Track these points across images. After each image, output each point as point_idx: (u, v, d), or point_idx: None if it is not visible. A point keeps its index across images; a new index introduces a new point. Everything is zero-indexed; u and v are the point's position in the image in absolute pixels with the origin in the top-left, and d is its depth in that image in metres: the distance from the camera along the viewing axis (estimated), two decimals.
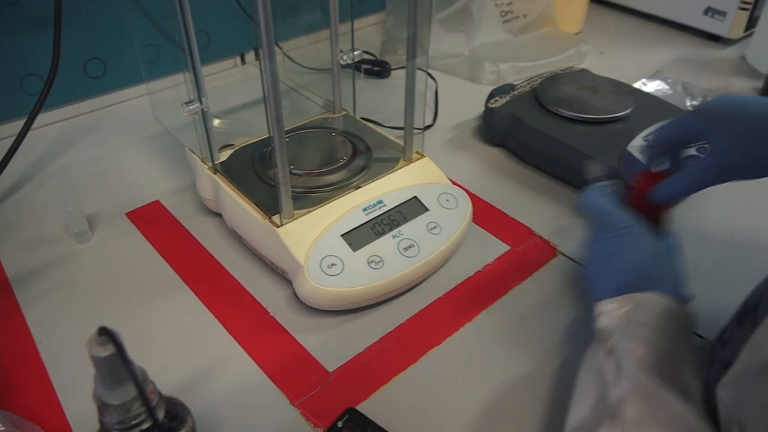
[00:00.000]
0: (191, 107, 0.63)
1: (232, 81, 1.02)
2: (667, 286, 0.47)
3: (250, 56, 1.07)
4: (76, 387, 0.53)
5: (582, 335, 0.54)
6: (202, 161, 0.69)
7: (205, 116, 0.64)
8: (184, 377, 0.53)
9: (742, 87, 1.02)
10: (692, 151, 0.59)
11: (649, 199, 0.55)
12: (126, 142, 0.87)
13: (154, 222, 0.72)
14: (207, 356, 0.56)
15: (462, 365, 0.55)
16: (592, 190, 0.56)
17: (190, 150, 0.71)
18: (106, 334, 0.31)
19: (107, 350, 0.32)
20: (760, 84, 1.01)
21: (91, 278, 0.64)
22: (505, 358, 0.56)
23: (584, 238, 0.54)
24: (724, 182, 0.50)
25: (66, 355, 0.56)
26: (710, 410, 0.40)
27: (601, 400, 0.40)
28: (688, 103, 0.95)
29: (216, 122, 0.71)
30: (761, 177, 0.48)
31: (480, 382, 0.54)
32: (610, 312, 0.45)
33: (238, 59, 1.07)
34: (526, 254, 0.67)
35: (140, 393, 0.31)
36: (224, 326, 0.59)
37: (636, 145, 0.72)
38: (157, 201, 0.75)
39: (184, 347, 0.57)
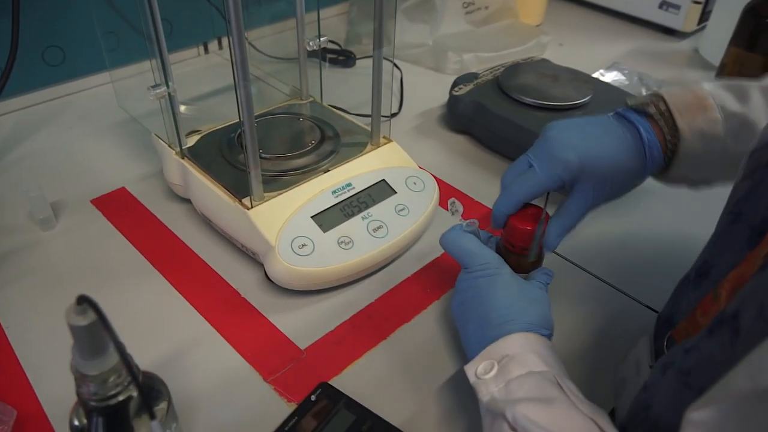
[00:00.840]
0: (158, 91, 0.63)
1: (196, 69, 1.02)
2: (526, 322, 0.47)
3: (213, 46, 1.07)
4: (46, 369, 0.52)
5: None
6: (169, 146, 0.69)
7: (172, 100, 0.64)
8: (158, 358, 0.54)
9: (695, 78, 1.07)
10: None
11: (545, 248, 0.55)
12: (89, 130, 0.86)
13: (120, 209, 0.71)
14: (180, 338, 0.56)
15: (430, 341, 0.57)
16: (455, 230, 0.55)
17: (156, 135, 0.71)
18: (85, 302, 0.32)
19: (86, 319, 0.33)
20: (712, 75, 1.05)
21: (57, 264, 0.63)
22: None
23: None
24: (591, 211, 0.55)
25: (34, 339, 0.55)
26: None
27: None
28: (644, 93, 0.99)
29: (182, 108, 0.71)
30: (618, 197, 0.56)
31: (447, 356, 0.55)
32: (482, 381, 0.44)
33: (201, 48, 1.06)
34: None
35: (121, 356, 0.32)
36: (196, 309, 0.59)
37: None
38: (123, 188, 0.74)
39: (157, 330, 0.57)
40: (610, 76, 1.03)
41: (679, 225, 0.72)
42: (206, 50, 1.06)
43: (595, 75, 1.02)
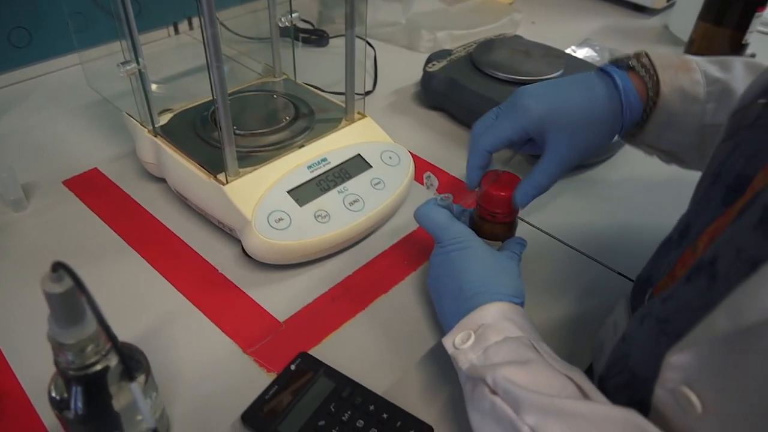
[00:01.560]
0: (128, 67, 0.62)
1: (167, 50, 1.00)
2: (499, 293, 0.48)
3: (183, 26, 1.05)
4: (23, 347, 0.52)
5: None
6: (142, 125, 0.68)
7: (143, 77, 0.63)
8: (137, 334, 0.54)
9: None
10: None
11: (513, 206, 0.55)
12: (58, 112, 0.84)
13: (93, 189, 0.70)
14: (158, 314, 0.56)
15: (407, 311, 0.58)
16: (429, 204, 0.56)
17: (128, 114, 0.70)
18: (61, 268, 0.32)
19: (61, 286, 0.33)
20: (681, 51, 1.07)
21: (30, 245, 0.63)
22: None
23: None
24: (564, 174, 0.54)
25: (9, 318, 0.55)
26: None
27: None
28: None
29: (153, 87, 0.70)
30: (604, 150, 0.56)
31: (425, 326, 0.56)
32: (461, 351, 0.45)
33: (172, 29, 1.04)
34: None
35: (98, 318, 0.32)
36: (174, 286, 0.59)
37: None
38: (95, 169, 0.74)
39: (135, 308, 0.57)
40: (581, 53, 1.04)
41: (653, 195, 0.74)
42: (176, 31, 1.05)
43: (567, 51, 1.02)
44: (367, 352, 0.54)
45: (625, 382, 0.41)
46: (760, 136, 0.37)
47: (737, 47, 0.96)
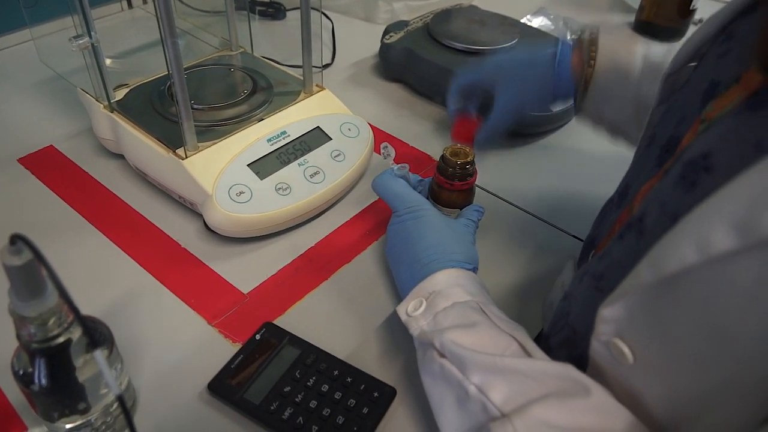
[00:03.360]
0: (80, 41, 0.61)
1: (120, 24, 0.98)
2: (451, 260, 0.50)
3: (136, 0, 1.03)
4: None
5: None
6: (97, 101, 0.67)
7: (96, 51, 0.62)
8: (100, 308, 0.54)
9: (617, 21, 1.10)
10: None
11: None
12: (11, 89, 0.82)
13: (49, 167, 0.69)
14: (121, 290, 0.56)
15: (370, 279, 0.59)
16: (385, 174, 0.58)
17: (82, 90, 0.69)
18: (19, 240, 0.32)
19: (21, 259, 0.33)
20: (632, 18, 1.09)
21: None
22: None
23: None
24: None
25: None
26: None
27: (463, 399, 0.39)
28: (569, 37, 1.02)
29: (108, 62, 0.69)
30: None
31: (386, 293, 0.58)
32: (413, 318, 0.46)
33: (125, 3, 1.02)
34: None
35: (59, 289, 0.32)
36: (137, 261, 0.59)
37: None
38: (51, 146, 0.72)
39: (97, 284, 0.57)
40: (536, 21, 1.06)
41: (605, 161, 0.76)
42: (130, 5, 1.02)
43: (523, 20, 1.04)
44: (331, 320, 0.55)
45: (566, 338, 0.44)
46: (689, 98, 0.39)
47: (685, 13, 0.98)
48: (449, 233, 0.52)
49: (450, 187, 0.57)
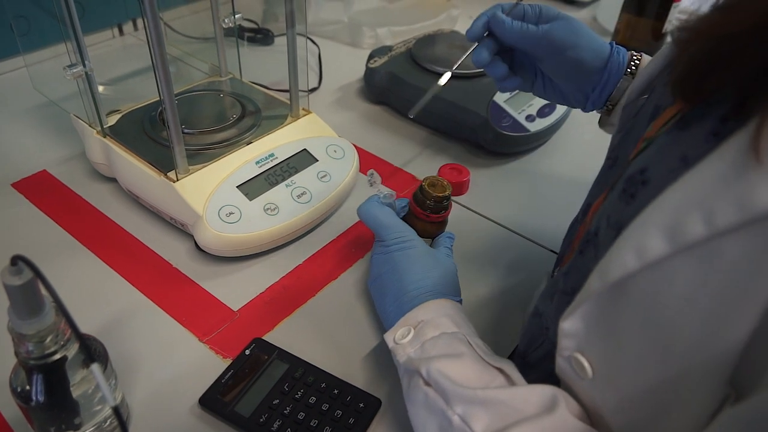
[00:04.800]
0: (74, 70, 0.63)
1: (112, 51, 1.01)
2: (440, 292, 0.51)
3: (128, 27, 1.06)
4: None
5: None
6: (90, 126, 0.69)
7: (90, 79, 0.64)
8: (94, 327, 0.55)
9: None
10: None
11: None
12: (4, 115, 0.84)
13: (43, 191, 0.71)
14: (115, 310, 0.58)
15: (356, 295, 0.61)
16: (371, 201, 0.58)
17: (75, 116, 0.71)
18: (20, 261, 0.34)
19: (21, 279, 0.35)
20: (608, 41, 1.13)
21: None
22: None
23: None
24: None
25: None
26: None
27: (446, 428, 0.40)
28: None
29: (100, 89, 0.71)
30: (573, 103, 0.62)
31: (371, 308, 0.60)
32: (400, 345, 0.47)
33: (116, 30, 1.05)
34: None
35: (57, 305, 0.34)
36: (129, 281, 0.61)
37: (502, 96, 0.81)
38: (44, 171, 0.74)
39: (91, 304, 0.58)
40: None
41: (577, 177, 0.79)
42: (121, 32, 1.05)
43: None
44: (318, 335, 0.57)
45: (546, 353, 0.46)
46: (640, 123, 0.42)
47: (658, 36, 1.02)
48: (436, 265, 0.53)
49: (425, 218, 0.59)
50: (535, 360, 0.47)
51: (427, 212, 0.58)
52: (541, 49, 0.57)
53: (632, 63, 0.57)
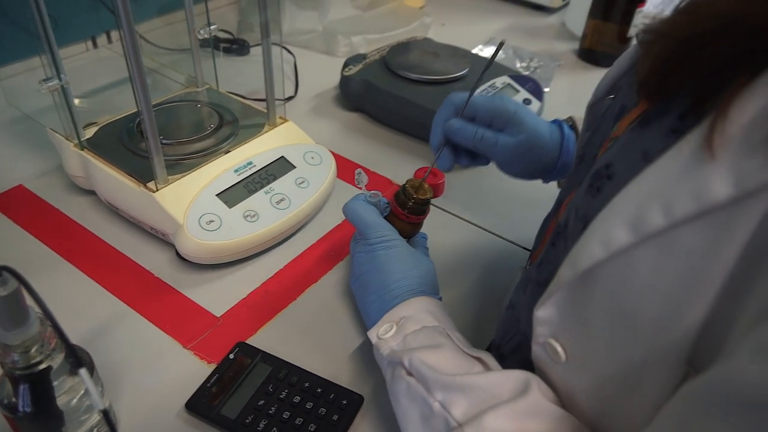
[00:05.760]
0: (50, 84, 0.64)
1: (86, 64, 1.01)
2: (421, 291, 0.52)
3: (102, 40, 1.06)
4: None
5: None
6: (67, 139, 0.70)
7: (65, 92, 0.65)
8: (79, 338, 0.55)
9: (563, 49, 1.17)
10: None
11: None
12: None
13: (20, 206, 0.71)
14: (98, 321, 0.58)
15: (338, 296, 0.62)
16: (357, 199, 0.59)
17: (52, 130, 0.71)
18: (5, 271, 0.34)
19: (6, 289, 0.35)
20: (576, 46, 1.17)
21: None
22: None
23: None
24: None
25: None
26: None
27: (427, 416, 0.42)
28: (518, 65, 1.08)
29: (76, 102, 0.72)
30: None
31: (351, 308, 0.61)
32: (383, 340, 0.49)
33: (90, 43, 1.05)
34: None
35: (45, 314, 0.35)
36: (112, 293, 0.61)
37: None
38: (21, 185, 0.74)
39: (74, 316, 0.58)
40: (488, 51, 1.12)
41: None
42: (95, 45, 1.05)
43: (475, 50, 1.10)
44: (301, 337, 0.58)
45: (518, 344, 0.47)
46: (607, 122, 0.44)
47: (623, 39, 1.06)
48: (417, 264, 0.55)
49: (405, 218, 0.60)
50: (508, 351, 0.49)
51: (406, 213, 0.59)
52: (496, 158, 0.61)
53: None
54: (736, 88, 0.29)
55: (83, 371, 0.35)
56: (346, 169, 0.78)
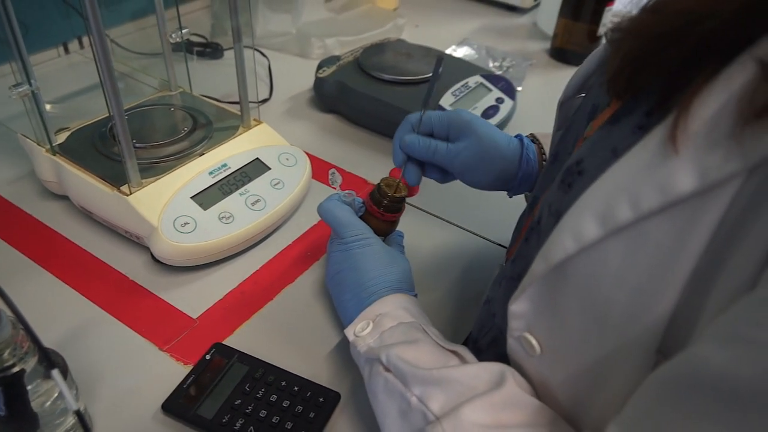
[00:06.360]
0: (20, 89, 0.63)
1: (58, 70, 1.00)
2: (396, 288, 0.53)
3: (73, 45, 1.05)
4: None
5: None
6: (39, 145, 0.69)
7: (36, 97, 0.65)
8: (53, 342, 0.55)
9: (535, 48, 1.19)
10: None
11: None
12: None
13: None
14: (72, 325, 0.58)
15: (314, 295, 0.63)
16: (332, 199, 0.59)
17: (23, 135, 0.71)
18: None
19: None
20: (548, 45, 1.18)
21: None
22: None
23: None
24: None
25: None
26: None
27: (405, 410, 0.42)
28: (491, 64, 1.09)
29: (48, 107, 0.71)
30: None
31: (327, 307, 0.62)
32: (360, 337, 0.49)
33: (61, 49, 1.04)
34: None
35: (19, 319, 0.35)
36: (87, 297, 0.61)
37: (447, 100, 0.85)
38: None
39: (48, 321, 0.58)
40: (461, 51, 1.13)
41: None
42: (66, 50, 1.05)
43: (448, 51, 1.11)
44: (277, 336, 0.58)
45: (494, 338, 0.48)
46: (579, 121, 0.45)
47: (593, 38, 1.08)
48: (392, 262, 0.55)
49: (380, 216, 0.61)
50: (485, 345, 0.50)
51: (382, 211, 0.60)
52: (452, 167, 0.61)
53: (542, 153, 0.61)
54: (699, 84, 0.30)
55: (55, 372, 0.36)
56: (321, 170, 0.79)
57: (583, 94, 0.50)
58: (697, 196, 0.29)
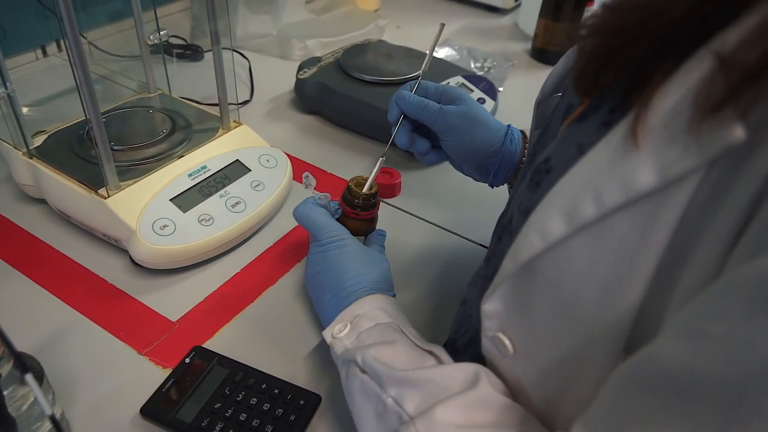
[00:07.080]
0: None
1: (36, 73, 0.99)
2: (374, 288, 0.53)
3: (51, 48, 1.04)
4: None
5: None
6: (16, 148, 0.68)
7: (12, 101, 0.64)
8: (29, 347, 0.54)
9: (516, 49, 1.20)
10: None
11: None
12: None
13: None
14: (50, 329, 0.57)
15: (294, 297, 0.63)
16: (307, 203, 0.59)
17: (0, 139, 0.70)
18: None
19: None
20: (529, 45, 1.19)
21: None
22: None
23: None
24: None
25: None
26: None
27: (381, 412, 0.42)
28: (472, 65, 1.10)
29: (25, 110, 0.71)
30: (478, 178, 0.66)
31: (307, 310, 0.61)
32: (338, 339, 0.49)
33: (39, 52, 1.03)
34: None
35: None
36: (64, 301, 0.60)
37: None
38: None
39: (25, 325, 0.58)
40: (443, 52, 1.14)
41: None
42: (45, 53, 1.04)
43: None
44: (257, 339, 0.58)
45: (471, 339, 0.48)
46: (556, 120, 0.45)
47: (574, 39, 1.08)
48: (370, 262, 0.55)
49: (355, 216, 0.61)
50: (462, 345, 0.50)
51: (357, 211, 0.60)
52: (438, 126, 0.62)
53: (526, 143, 0.62)
54: (659, 79, 0.31)
55: (29, 377, 0.35)
56: (302, 172, 0.78)
57: (560, 93, 0.50)
58: (657, 191, 0.29)
